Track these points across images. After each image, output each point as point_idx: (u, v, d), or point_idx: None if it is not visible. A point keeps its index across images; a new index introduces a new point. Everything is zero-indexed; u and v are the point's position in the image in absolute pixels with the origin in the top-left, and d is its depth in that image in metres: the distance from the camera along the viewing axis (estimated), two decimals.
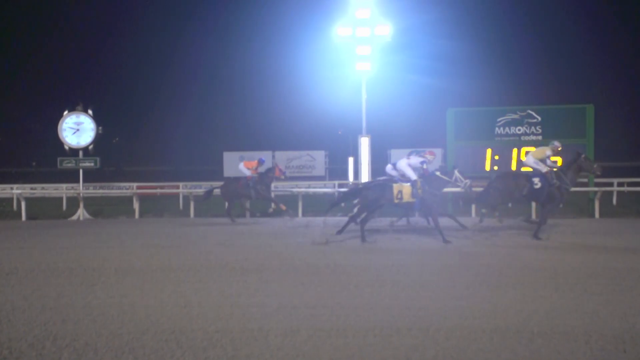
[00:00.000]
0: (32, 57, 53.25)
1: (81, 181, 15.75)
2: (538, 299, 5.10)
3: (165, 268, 6.73)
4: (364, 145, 14.63)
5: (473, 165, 13.74)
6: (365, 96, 14.89)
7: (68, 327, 4.42)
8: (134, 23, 63.66)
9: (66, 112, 15.42)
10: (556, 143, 10.06)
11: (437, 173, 9.57)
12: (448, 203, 12.82)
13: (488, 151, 14.50)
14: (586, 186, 14.07)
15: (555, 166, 10.01)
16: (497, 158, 14.49)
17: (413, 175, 9.72)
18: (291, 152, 28.78)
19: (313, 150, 29.25)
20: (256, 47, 61.15)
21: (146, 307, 4.96)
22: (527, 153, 14.43)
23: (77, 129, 15.39)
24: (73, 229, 11.96)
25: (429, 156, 10.50)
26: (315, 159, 28.66)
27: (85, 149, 15.44)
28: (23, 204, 14.68)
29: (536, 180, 9.64)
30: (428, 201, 9.35)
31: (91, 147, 15.44)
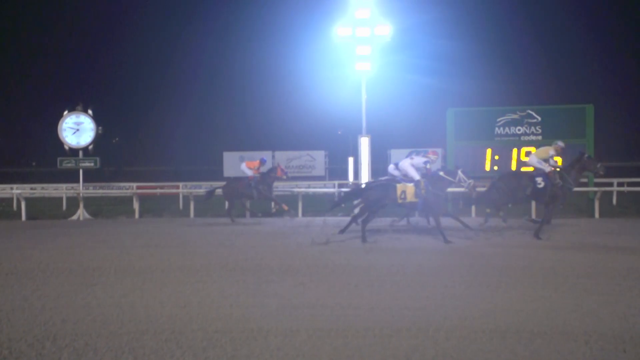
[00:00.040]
0: (32, 57, 53.34)
1: (81, 181, 15.76)
2: (538, 299, 5.10)
3: (165, 268, 6.73)
4: (364, 145, 14.64)
5: (473, 165, 13.75)
6: (365, 96, 14.90)
7: (68, 327, 4.42)
8: (134, 23, 63.79)
9: (66, 112, 15.44)
10: (560, 143, 10.01)
11: (441, 173, 9.53)
12: (448, 203, 12.80)
13: (488, 151, 14.51)
14: (586, 186, 14.07)
15: (556, 165, 9.97)
16: (497, 158, 14.50)
17: (416, 175, 9.68)
18: (291, 152, 28.75)
19: (313, 150, 29.21)
20: (256, 47, 61.18)
21: (146, 307, 4.96)
22: (529, 153, 14.50)
23: (77, 129, 15.40)
24: (73, 229, 11.95)
25: (432, 156, 10.46)
26: (315, 159, 28.63)
27: (85, 149, 15.45)
28: (23, 204, 14.68)
29: (539, 179, 9.61)
30: (431, 201, 9.33)
31: (91, 147, 15.45)
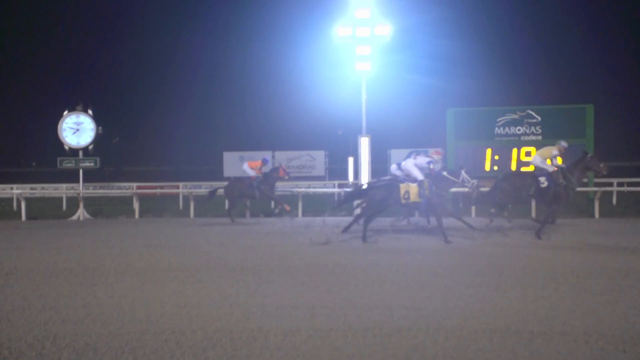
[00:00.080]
0: (32, 57, 53.26)
1: (81, 181, 15.76)
2: (538, 299, 5.10)
3: (165, 268, 6.73)
4: (364, 145, 14.63)
5: (473, 165, 13.71)
6: (365, 96, 14.90)
7: (68, 327, 4.42)
8: (134, 23, 63.69)
9: (66, 112, 15.45)
10: (563, 143, 9.95)
11: (444, 173, 9.51)
12: (447, 203, 12.78)
13: (488, 151, 14.50)
14: (586, 186, 14.06)
15: (560, 165, 9.90)
16: (497, 158, 14.50)
17: (420, 175, 9.62)
18: (291, 152, 28.70)
19: (313, 150, 29.16)
20: (256, 47, 61.10)
21: (146, 307, 4.96)
22: (529, 153, 14.50)
23: (77, 129, 15.41)
24: (73, 229, 11.96)
25: (436, 156, 10.38)
26: (315, 159, 28.59)
27: (85, 149, 15.46)
28: (23, 204, 14.68)
29: (542, 179, 9.58)
30: (434, 201, 9.30)
31: (91, 147, 15.46)
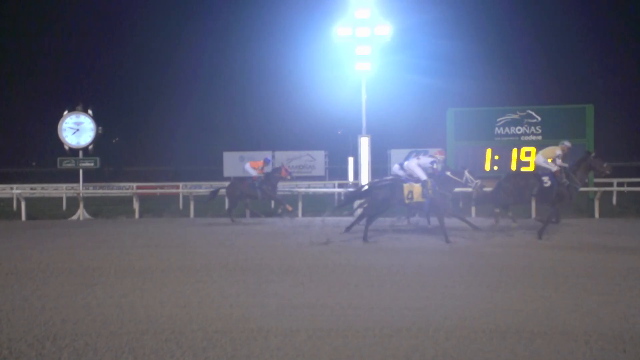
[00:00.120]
0: (32, 57, 53.36)
1: (81, 181, 15.77)
2: (538, 299, 5.10)
3: (165, 268, 6.73)
4: (364, 145, 14.64)
5: (473, 165, 13.70)
6: (365, 96, 14.90)
7: (68, 327, 4.42)
8: (134, 23, 63.82)
9: (66, 112, 15.45)
10: (566, 143, 9.94)
11: (448, 173, 9.48)
12: (451, 204, 12.75)
13: (488, 151, 14.52)
14: (586, 186, 14.06)
15: (563, 165, 9.85)
16: (497, 158, 14.51)
17: (423, 175, 9.58)
18: (291, 152, 28.71)
19: (313, 150, 29.18)
20: (256, 47, 61.22)
21: (146, 307, 4.96)
22: (529, 153, 14.51)
23: (77, 129, 15.41)
24: (73, 229, 11.96)
25: (439, 156, 10.32)
26: (315, 159, 28.60)
27: (85, 149, 15.46)
28: (23, 204, 14.68)
29: (546, 179, 9.56)
30: (438, 202, 9.28)
31: (91, 147, 15.46)
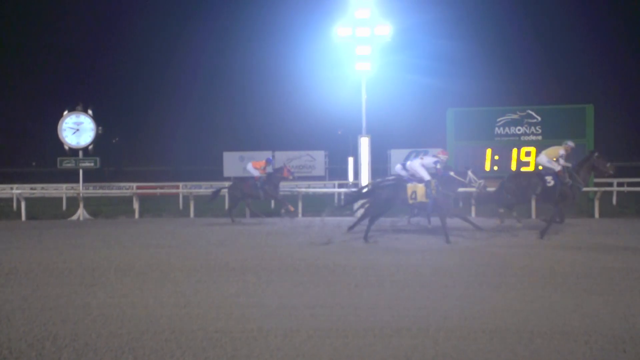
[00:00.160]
0: (32, 57, 53.34)
1: (81, 181, 15.76)
2: (538, 299, 5.10)
3: (165, 268, 6.73)
4: (364, 145, 14.63)
5: (473, 165, 13.68)
6: (365, 96, 14.89)
7: (68, 327, 4.42)
8: (134, 23, 63.74)
9: (66, 112, 15.43)
10: (570, 142, 9.93)
11: (452, 173, 9.48)
12: (454, 204, 12.74)
13: (488, 151, 14.51)
14: (586, 186, 14.05)
15: (566, 165, 9.82)
16: (497, 158, 14.50)
17: (427, 175, 9.58)
18: (291, 152, 28.77)
19: (313, 150, 29.25)
20: (256, 47, 61.20)
21: (146, 307, 4.96)
22: (529, 153, 14.50)
23: (77, 129, 15.40)
24: (73, 229, 11.95)
25: (442, 156, 10.29)
26: (315, 159, 28.65)
27: (85, 149, 15.45)
28: (23, 204, 14.68)
29: (549, 178, 9.57)
30: (441, 202, 9.27)
31: (91, 147, 15.44)
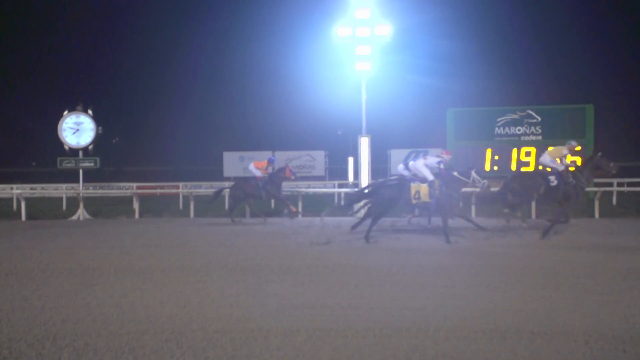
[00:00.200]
0: (32, 57, 53.44)
1: (81, 181, 15.76)
2: (538, 299, 5.10)
3: (165, 268, 6.73)
4: (364, 145, 14.62)
5: (473, 165, 13.73)
6: (365, 96, 14.88)
7: (68, 327, 4.42)
8: (134, 23, 63.86)
9: (66, 112, 15.43)
10: (573, 142, 9.96)
11: (455, 173, 9.47)
12: (457, 204, 12.71)
13: (488, 151, 14.52)
14: (590, 186, 14.04)
15: (569, 165, 9.81)
16: (497, 158, 14.51)
17: (430, 175, 9.56)
18: (291, 152, 28.76)
19: (313, 150, 29.25)
20: (256, 47, 61.27)
21: (146, 307, 4.96)
22: (528, 153, 14.51)
23: (77, 129, 15.40)
24: (73, 229, 11.95)
25: (446, 156, 10.25)
26: (315, 159, 28.65)
27: (85, 149, 15.45)
28: (23, 204, 14.67)
29: (552, 178, 9.57)
30: (444, 202, 9.25)
31: (91, 147, 15.45)
